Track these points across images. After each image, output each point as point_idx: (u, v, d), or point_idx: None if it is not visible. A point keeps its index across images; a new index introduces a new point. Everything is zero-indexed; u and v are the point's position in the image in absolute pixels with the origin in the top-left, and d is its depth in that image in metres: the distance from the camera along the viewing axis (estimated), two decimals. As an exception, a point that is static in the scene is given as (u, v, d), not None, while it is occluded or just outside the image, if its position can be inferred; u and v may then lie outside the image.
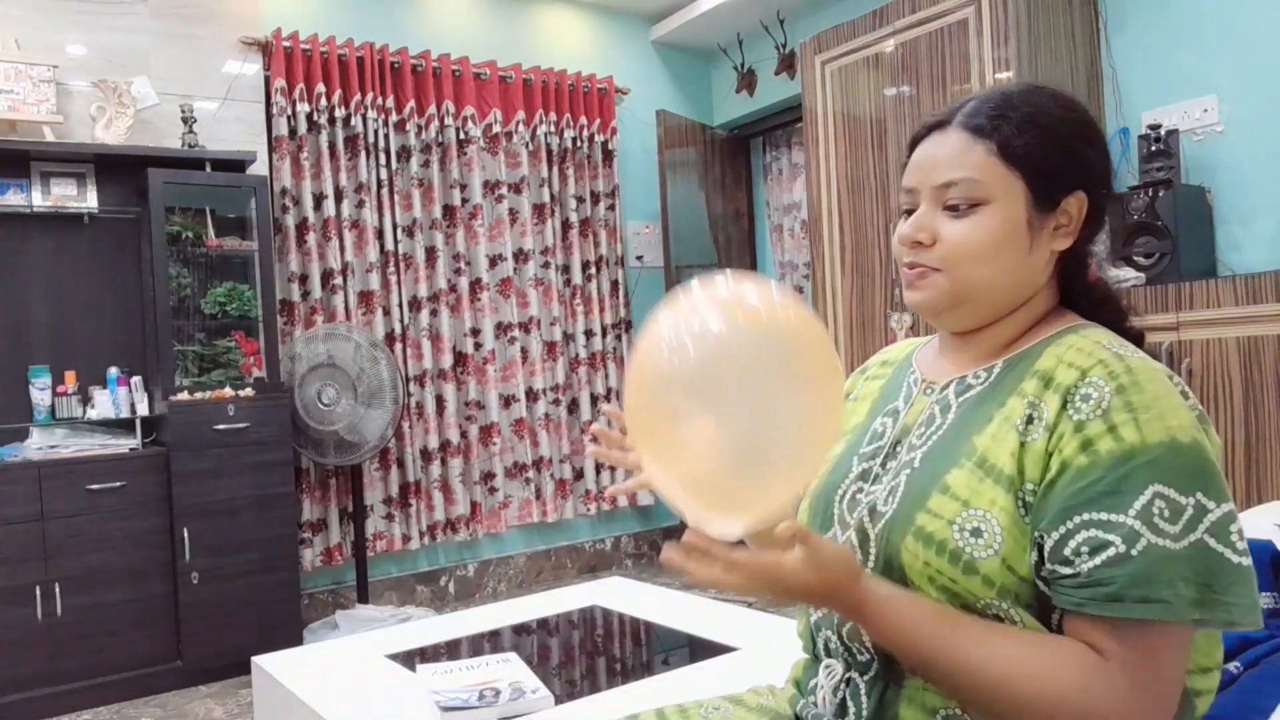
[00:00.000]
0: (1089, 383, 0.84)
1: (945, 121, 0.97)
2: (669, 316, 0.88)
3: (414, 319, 4.13)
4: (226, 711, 3.02)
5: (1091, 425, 0.82)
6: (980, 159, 0.93)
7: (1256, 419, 2.60)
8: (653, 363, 0.87)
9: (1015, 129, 0.93)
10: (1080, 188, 0.94)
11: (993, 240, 0.92)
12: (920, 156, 0.98)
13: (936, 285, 0.95)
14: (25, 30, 3.31)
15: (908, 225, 0.97)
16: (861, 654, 0.94)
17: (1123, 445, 0.80)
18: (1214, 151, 3.09)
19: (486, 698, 1.61)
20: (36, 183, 3.30)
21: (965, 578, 0.85)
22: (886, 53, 3.56)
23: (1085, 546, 0.79)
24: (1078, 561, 0.79)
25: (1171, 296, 2.77)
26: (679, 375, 0.84)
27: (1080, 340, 0.90)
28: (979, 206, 0.92)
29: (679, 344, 0.85)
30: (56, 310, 3.38)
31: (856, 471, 1.01)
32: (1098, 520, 0.79)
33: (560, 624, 2.24)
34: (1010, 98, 0.95)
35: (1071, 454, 0.82)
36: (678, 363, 0.85)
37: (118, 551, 3.13)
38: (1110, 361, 0.85)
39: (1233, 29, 3.04)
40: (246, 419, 3.32)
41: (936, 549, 0.87)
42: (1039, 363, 0.90)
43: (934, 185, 0.95)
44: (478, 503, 4.28)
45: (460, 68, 4.23)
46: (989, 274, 0.93)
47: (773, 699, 1.11)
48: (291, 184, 3.82)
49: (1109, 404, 0.82)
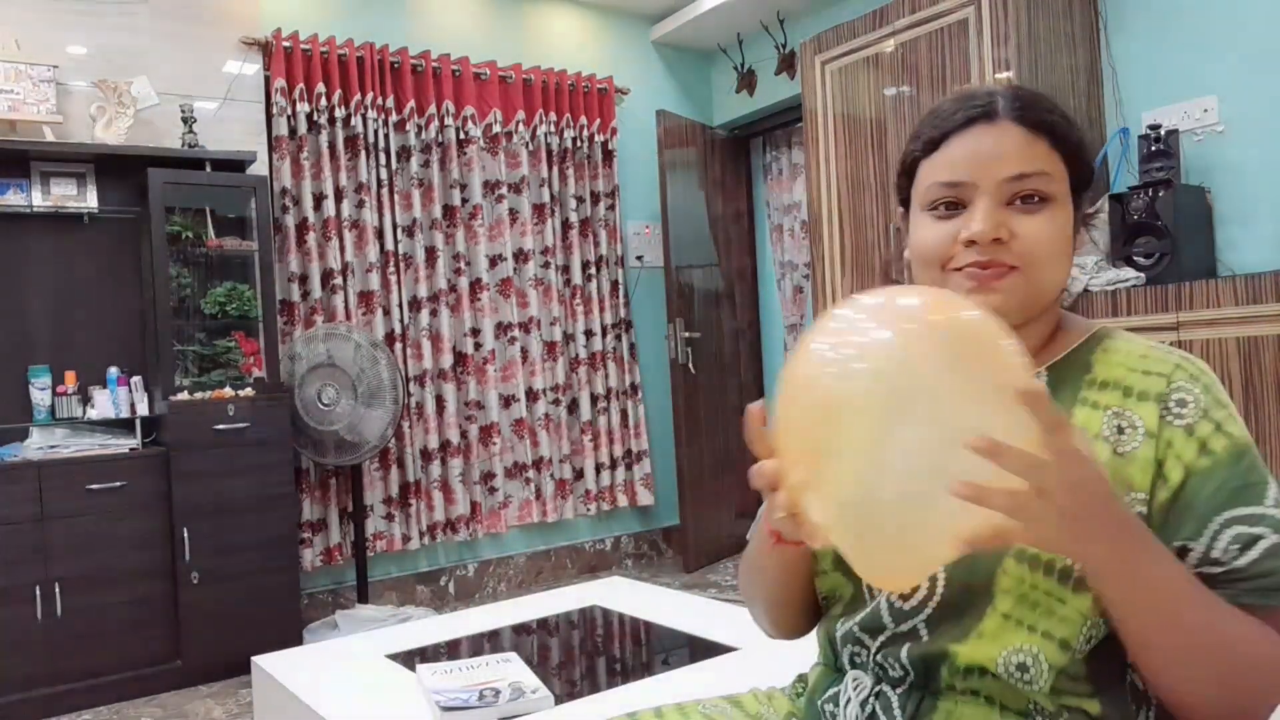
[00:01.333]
0: (1178, 387, 0.85)
1: (990, 113, 0.90)
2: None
3: (414, 319, 4.13)
4: (226, 711, 3.02)
5: (1200, 427, 0.83)
6: (1045, 153, 0.89)
7: (1256, 419, 2.60)
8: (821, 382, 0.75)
9: (1064, 124, 0.90)
10: (1089, 187, 0.94)
11: (1065, 237, 0.90)
12: (973, 148, 0.90)
13: (1014, 286, 0.88)
14: (25, 30, 3.31)
15: (983, 221, 0.87)
16: (894, 669, 0.91)
17: (1234, 440, 0.83)
18: (1214, 151, 3.09)
19: (486, 698, 1.61)
20: (36, 183, 3.30)
21: (1076, 595, 0.82)
22: (886, 53, 3.56)
23: (1235, 545, 0.80)
24: (1227, 559, 0.80)
25: (1171, 296, 2.77)
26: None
27: (1133, 346, 0.90)
28: (1047, 202, 0.88)
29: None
30: (56, 310, 3.38)
31: None
32: (1240, 516, 0.80)
33: (560, 624, 2.24)
34: (1038, 95, 0.93)
35: (1192, 458, 0.83)
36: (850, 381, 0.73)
37: (118, 552, 3.13)
38: (1185, 365, 0.87)
39: (1233, 29, 3.04)
40: (246, 419, 3.32)
41: (1044, 569, 0.83)
42: (1097, 372, 0.89)
43: (1001, 179, 0.88)
44: (478, 503, 4.28)
45: (460, 68, 4.23)
46: (1059, 274, 0.90)
47: (770, 706, 1.08)
48: (291, 184, 3.82)
49: (1205, 404, 0.84)
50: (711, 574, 4.45)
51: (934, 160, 0.93)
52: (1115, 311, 2.88)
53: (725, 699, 1.10)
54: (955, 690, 0.87)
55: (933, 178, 0.92)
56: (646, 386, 4.84)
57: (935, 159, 0.92)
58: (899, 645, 0.91)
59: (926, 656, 0.88)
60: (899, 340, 0.74)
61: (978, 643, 0.85)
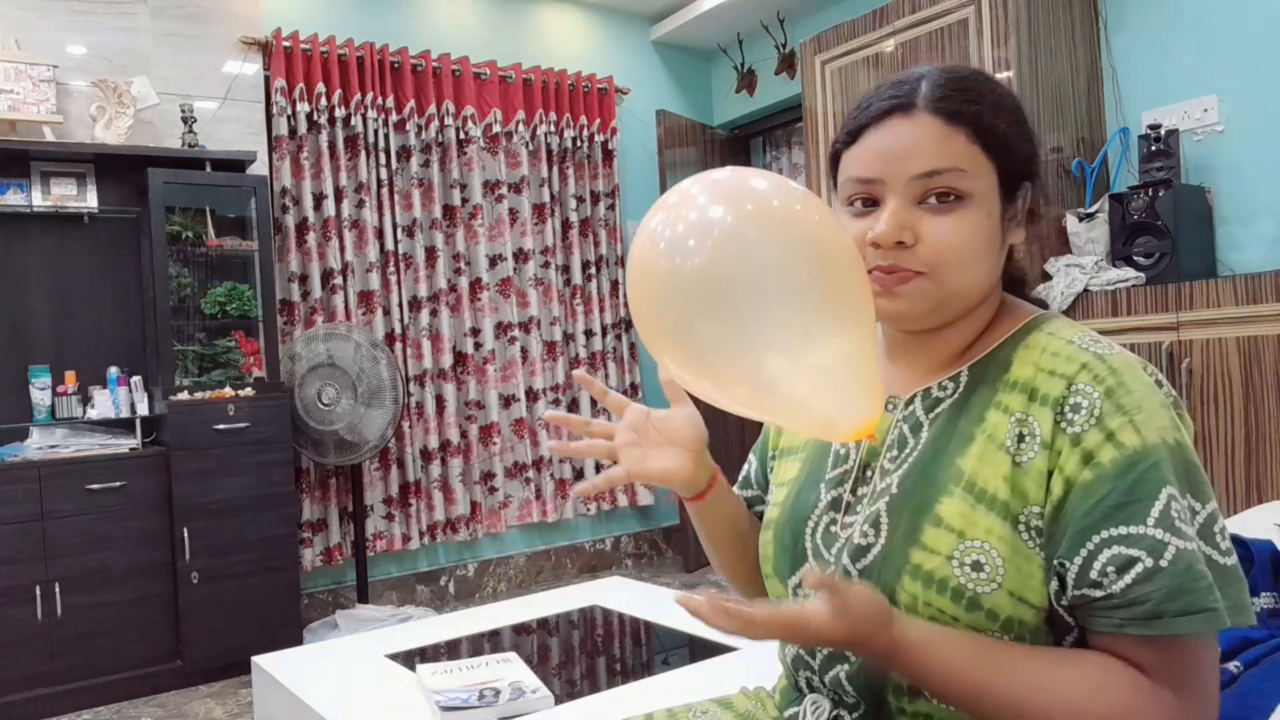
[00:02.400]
0: (1076, 390, 0.79)
1: (907, 104, 0.85)
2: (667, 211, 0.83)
3: (414, 319, 4.13)
4: (226, 711, 3.02)
5: (1089, 436, 0.77)
6: (962, 147, 0.83)
7: (1256, 419, 2.60)
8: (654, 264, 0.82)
9: (990, 114, 0.85)
10: (1029, 178, 0.88)
11: (980, 238, 0.84)
12: (884, 143, 0.85)
13: (921, 292, 0.85)
14: (25, 30, 3.31)
15: (886, 223, 0.84)
16: (849, 696, 0.89)
17: (1124, 451, 0.76)
18: (1214, 151, 3.09)
19: (486, 698, 1.61)
20: (36, 183, 3.30)
21: (969, 614, 0.80)
22: (886, 53, 3.56)
23: (1111, 565, 0.75)
24: (1106, 583, 0.75)
25: (1171, 296, 2.77)
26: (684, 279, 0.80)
27: (1051, 342, 0.84)
28: (963, 200, 0.83)
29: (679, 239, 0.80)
30: (56, 310, 3.38)
31: (826, 500, 0.93)
32: (1118, 536, 0.75)
33: (560, 624, 2.24)
34: (968, 80, 0.86)
35: (1075, 470, 0.77)
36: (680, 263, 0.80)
37: (118, 551, 3.13)
38: (1093, 364, 0.80)
39: (1233, 29, 3.04)
40: (246, 419, 3.32)
41: (937, 588, 0.81)
42: (1013, 372, 0.84)
43: (911, 176, 0.84)
44: (478, 503, 4.28)
45: (460, 68, 4.23)
46: (975, 276, 0.85)
47: (760, 706, 1.08)
48: (291, 184, 3.82)
49: (1100, 410, 0.77)
50: (711, 574, 4.45)
51: (851, 153, 0.89)
52: (1115, 311, 2.88)
53: (715, 701, 1.10)
54: (905, 714, 0.85)
55: (848, 172, 0.89)
56: (646, 386, 4.84)
57: (853, 152, 0.88)
58: (837, 666, 0.89)
59: (867, 677, 0.87)
60: (733, 223, 0.79)
61: None
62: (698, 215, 0.80)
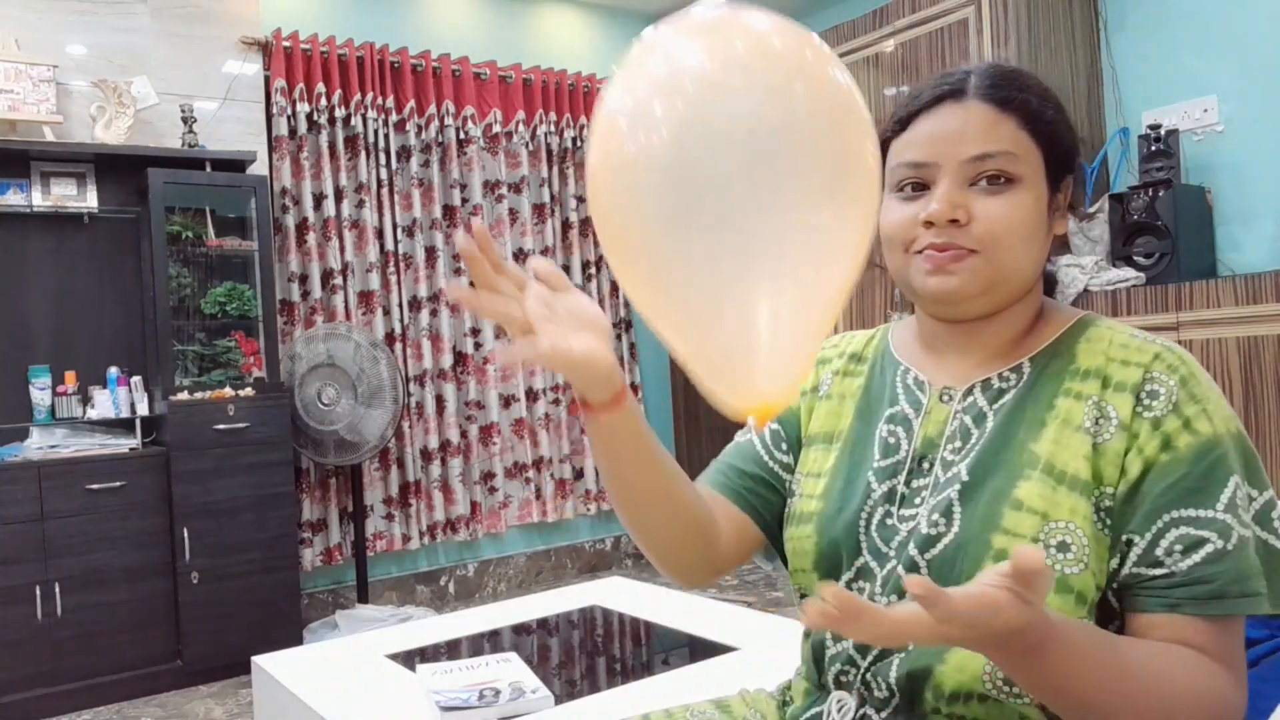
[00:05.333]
0: (1153, 378, 0.83)
1: (959, 91, 0.88)
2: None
3: (414, 319, 4.13)
4: (226, 711, 3.02)
5: (1168, 421, 0.81)
6: (1012, 132, 0.87)
7: (1256, 419, 2.60)
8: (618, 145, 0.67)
9: (1037, 102, 0.88)
10: (1070, 170, 0.91)
11: (1030, 219, 0.87)
12: (937, 128, 0.88)
13: (974, 269, 0.86)
14: (25, 30, 3.31)
15: (940, 201, 0.86)
16: (880, 690, 0.88)
17: (1199, 438, 0.80)
18: (1214, 151, 3.09)
19: (486, 698, 1.61)
20: (36, 183, 3.30)
21: (1058, 598, 0.79)
22: (886, 53, 3.56)
23: (1178, 545, 0.78)
24: (1169, 561, 0.78)
25: (1171, 296, 2.77)
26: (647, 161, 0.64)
27: (1115, 334, 0.88)
28: (1013, 183, 0.86)
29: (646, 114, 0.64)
30: (56, 310, 3.38)
31: (880, 492, 0.92)
32: (1188, 517, 0.79)
33: (560, 624, 2.24)
34: (1015, 72, 0.90)
35: (1154, 452, 0.81)
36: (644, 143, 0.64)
37: (118, 551, 3.13)
38: (1164, 355, 0.84)
39: (1233, 29, 3.04)
40: (246, 419, 3.32)
41: None
42: (1080, 362, 0.87)
43: (964, 159, 0.86)
44: (478, 503, 4.28)
45: (460, 68, 4.23)
46: (1025, 257, 0.88)
47: (757, 710, 1.06)
48: (291, 184, 3.82)
49: (1177, 397, 0.82)
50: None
51: (902, 140, 0.91)
52: (1115, 311, 2.88)
53: (713, 703, 1.09)
54: (940, 714, 0.85)
55: (899, 158, 0.91)
56: (646, 386, 4.84)
57: (903, 139, 0.91)
58: (889, 661, 0.88)
59: (913, 674, 0.86)
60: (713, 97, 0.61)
61: (960, 656, 0.83)
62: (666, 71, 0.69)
